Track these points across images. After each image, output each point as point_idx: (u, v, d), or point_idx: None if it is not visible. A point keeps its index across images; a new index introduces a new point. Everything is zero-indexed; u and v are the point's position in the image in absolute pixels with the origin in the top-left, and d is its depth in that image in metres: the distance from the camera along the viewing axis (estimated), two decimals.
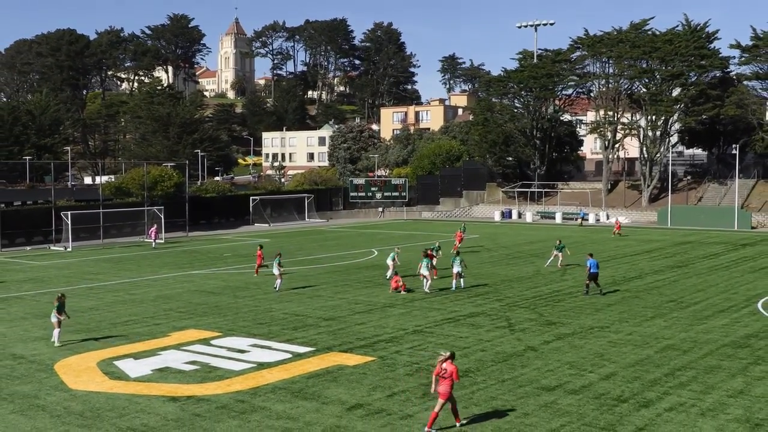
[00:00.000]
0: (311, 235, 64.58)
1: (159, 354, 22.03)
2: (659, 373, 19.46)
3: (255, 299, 31.41)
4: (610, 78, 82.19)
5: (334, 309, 28.95)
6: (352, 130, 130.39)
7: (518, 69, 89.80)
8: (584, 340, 23.26)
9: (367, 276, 38.12)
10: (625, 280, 36.21)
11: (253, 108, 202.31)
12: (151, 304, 30.55)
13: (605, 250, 50.00)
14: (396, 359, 21.06)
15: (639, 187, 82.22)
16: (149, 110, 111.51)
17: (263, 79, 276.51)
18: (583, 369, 19.88)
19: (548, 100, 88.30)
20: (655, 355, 21.31)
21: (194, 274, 39.86)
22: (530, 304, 29.57)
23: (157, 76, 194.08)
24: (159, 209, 60.63)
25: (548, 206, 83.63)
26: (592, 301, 29.97)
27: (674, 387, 18.18)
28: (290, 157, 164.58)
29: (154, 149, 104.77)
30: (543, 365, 20.28)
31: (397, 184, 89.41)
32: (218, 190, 78.93)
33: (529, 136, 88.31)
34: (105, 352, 22.31)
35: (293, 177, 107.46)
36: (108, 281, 37.56)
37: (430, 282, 32.76)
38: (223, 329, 25.41)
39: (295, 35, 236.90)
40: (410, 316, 27.28)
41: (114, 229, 62.01)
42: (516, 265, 42.06)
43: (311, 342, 23.29)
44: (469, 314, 27.64)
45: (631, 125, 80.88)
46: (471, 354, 21.58)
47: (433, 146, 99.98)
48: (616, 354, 21.40)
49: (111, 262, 45.98)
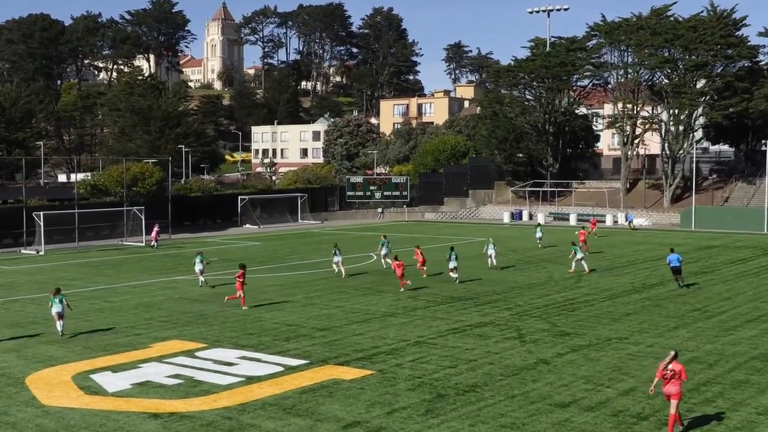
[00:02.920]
0: (305, 237, 64.56)
1: (139, 367, 22.01)
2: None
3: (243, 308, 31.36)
4: (629, 68, 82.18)
5: (330, 318, 28.93)
6: (349, 124, 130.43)
7: (529, 58, 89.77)
8: (601, 352, 23.25)
9: (366, 282, 38.10)
10: (645, 287, 36.21)
11: (242, 100, 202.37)
12: (130, 313, 30.53)
13: (623, 254, 50.01)
14: (397, 373, 21.05)
15: (660, 187, 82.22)
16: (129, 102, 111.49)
17: (253, 68, 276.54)
18: (600, 384, 19.87)
19: (562, 92, 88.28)
20: None
21: (178, 280, 39.82)
22: (542, 313, 29.56)
23: (137, 65, 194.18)
24: (139, 209, 60.62)
25: (562, 207, 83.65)
26: (610, 311, 29.98)
27: (699, 404, 18.16)
28: (282, 153, 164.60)
29: (134, 144, 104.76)
30: (556, 379, 20.27)
31: (397, 183, 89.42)
32: (204, 189, 78.90)
33: (542, 131, 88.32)
34: (80, 365, 22.28)
35: (285, 175, 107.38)
36: (84, 287, 37.52)
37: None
38: (209, 340, 25.38)
39: (288, 21, 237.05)
40: (412, 326, 27.27)
41: (90, 231, 61.98)
42: (527, 271, 42.03)
43: (305, 354, 23.27)
44: (476, 324, 27.63)
45: (652, 119, 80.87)
46: (478, 367, 21.57)
47: (437, 142, 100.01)
48: (635, 367, 21.38)
49: (87, 267, 45.95)
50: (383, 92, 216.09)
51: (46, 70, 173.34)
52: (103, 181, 67.46)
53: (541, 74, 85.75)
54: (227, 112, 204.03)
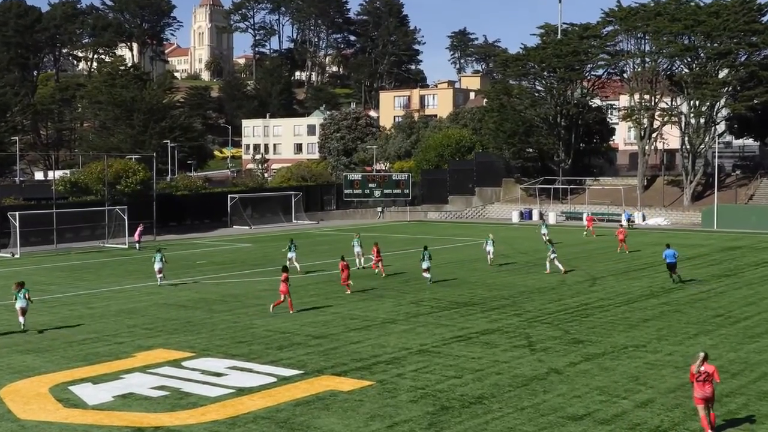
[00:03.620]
0: (299, 239, 64.41)
1: (122, 378, 22.01)
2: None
3: (233, 314, 31.40)
4: (646, 56, 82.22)
5: (326, 325, 28.94)
6: (347, 117, 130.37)
7: (540, 46, 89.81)
8: (617, 361, 23.25)
9: (365, 287, 38.11)
10: (664, 291, 36.21)
11: (232, 92, 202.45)
12: (112, 320, 30.53)
13: (641, 255, 50.04)
14: (398, 384, 21.05)
15: (680, 184, 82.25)
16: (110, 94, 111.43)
17: (243, 57, 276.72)
18: (616, 395, 19.87)
19: (575, 83, 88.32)
20: None
21: (163, 284, 39.82)
22: (554, 320, 29.56)
23: (119, 54, 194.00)
24: (122, 209, 60.62)
25: (575, 205, 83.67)
26: (626, 316, 29.99)
27: (722, 415, 18.14)
28: (274, 148, 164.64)
29: (116, 139, 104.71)
30: (569, 390, 20.27)
31: (398, 180, 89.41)
32: (191, 187, 78.91)
33: (553, 124, 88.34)
34: (59, 376, 22.28)
35: (278, 172, 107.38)
36: (63, 293, 37.53)
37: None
38: (197, 349, 25.39)
39: (281, 7, 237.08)
40: (414, 334, 27.28)
41: (69, 233, 61.97)
42: (537, 274, 42.05)
43: (299, 364, 23.27)
44: (482, 331, 27.63)
45: (671, 111, 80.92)
46: (485, 377, 21.57)
47: (441, 136, 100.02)
48: (653, 377, 21.38)
49: (66, 271, 45.97)
50: (383, 83, 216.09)
51: (21, 60, 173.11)
52: (83, 179, 67.45)
53: (552, 63, 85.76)
54: (216, 104, 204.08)
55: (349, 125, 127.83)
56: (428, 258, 38.36)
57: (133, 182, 66.86)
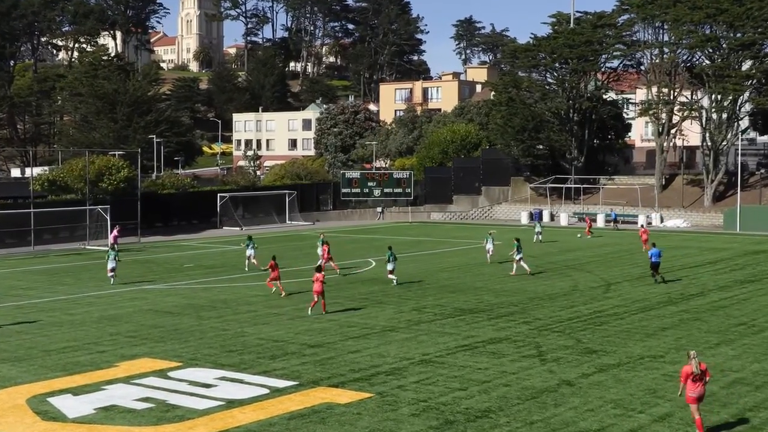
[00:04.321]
0: (293, 241, 64.58)
1: (104, 389, 22.01)
2: (726, 413, 19.45)
3: (223, 321, 31.42)
4: (665, 47, 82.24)
5: (322, 333, 28.95)
6: (345, 111, 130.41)
7: (551, 36, 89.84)
8: (633, 372, 23.25)
9: (363, 292, 38.15)
10: (684, 297, 36.23)
11: (222, 84, 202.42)
12: (94, 327, 30.54)
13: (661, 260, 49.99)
14: (398, 396, 21.06)
15: (700, 183, 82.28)
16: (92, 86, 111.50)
17: (234, 47, 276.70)
18: (632, 408, 19.87)
19: (588, 75, 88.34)
20: (721, 391, 21.33)
21: (148, 289, 39.83)
22: (565, 328, 29.57)
23: (101, 43, 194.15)
24: (104, 209, 60.62)
25: (588, 206, 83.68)
26: (643, 325, 30.00)
27: (744, 431, 18.14)
28: (267, 144, 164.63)
29: (98, 134, 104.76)
30: (581, 404, 20.28)
31: (400, 179, 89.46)
32: (178, 186, 78.90)
33: (565, 119, 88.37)
34: (37, 387, 22.29)
35: (271, 169, 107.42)
36: (40, 298, 37.54)
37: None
38: (184, 358, 25.40)
39: None
40: (416, 342, 27.29)
41: (48, 234, 61.99)
42: (548, 279, 42.07)
43: (293, 374, 23.28)
44: (489, 340, 27.64)
45: (691, 106, 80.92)
46: (492, 390, 21.57)
47: (445, 131, 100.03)
48: (672, 390, 21.37)
49: (44, 275, 45.96)
50: (383, 75, 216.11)
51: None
52: (63, 177, 67.45)
53: (564, 54, 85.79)
54: (205, 97, 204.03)
55: (347, 120, 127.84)
56: (393, 259, 39.64)
57: (116, 180, 66.84)
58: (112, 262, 41.32)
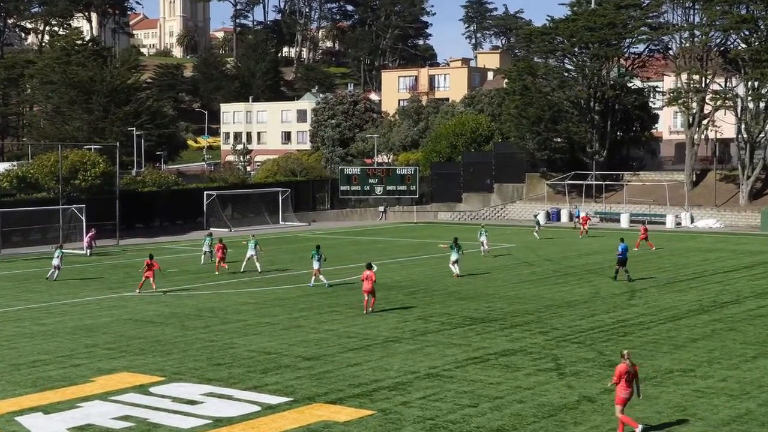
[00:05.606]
0: (287, 243, 64.59)
1: (79, 406, 22.01)
2: None
3: (210, 331, 31.43)
4: (695, 29, 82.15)
5: (319, 344, 28.96)
6: (343, 100, 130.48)
7: (569, 18, 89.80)
8: (660, 387, 23.25)
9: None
10: (716, 305, 36.20)
11: (208, 71, 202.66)
12: (68, 338, 30.55)
13: (688, 263, 50.02)
14: (402, 413, 21.07)
15: (735, 179, 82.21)
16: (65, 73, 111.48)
17: (222, 31, 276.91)
18: (659, 428, 19.86)
19: (611, 61, 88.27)
20: (759, 408, 21.31)
21: (127, 296, 39.85)
22: (586, 339, 29.56)
23: (75, 26, 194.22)
24: (79, 208, 60.66)
25: (611, 204, 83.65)
26: (671, 335, 29.98)
27: None
28: (259, 137, 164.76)
29: (71, 126, 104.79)
30: (604, 422, 20.27)
31: (404, 175, 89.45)
32: (160, 183, 78.97)
33: (585, 109, 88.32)
34: (4, 405, 22.28)
35: (263, 165, 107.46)
36: (8, 306, 37.55)
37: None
38: (167, 372, 25.41)
39: None
40: (422, 354, 27.30)
41: (17, 235, 62.01)
42: (566, 285, 42.07)
43: (287, 390, 23.30)
44: (502, 352, 27.65)
45: (725, 94, 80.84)
46: (505, 406, 21.57)
47: (454, 123, 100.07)
48: (704, 407, 21.38)
49: (13, 281, 45.99)
50: (385, 61, 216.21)
51: None
52: (33, 173, 67.50)
53: (584, 38, 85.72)
54: (190, 85, 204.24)
55: (346, 110, 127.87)
56: (319, 258, 41.14)
57: (92, 176, 66.87)
58: (57, 260, 44.69)
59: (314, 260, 41.11)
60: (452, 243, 45.61)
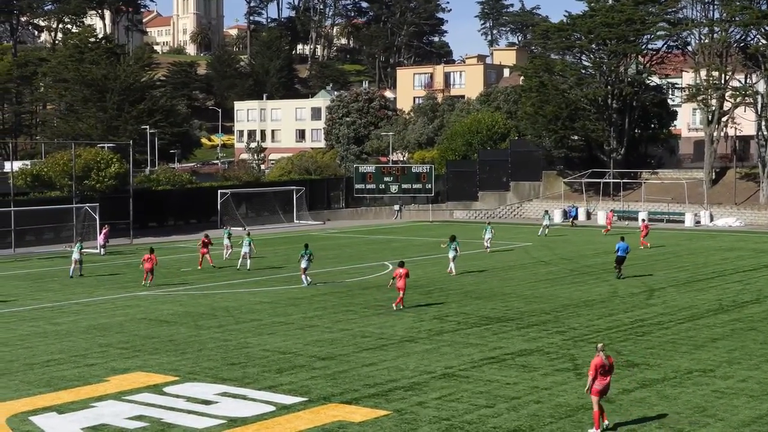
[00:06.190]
0: (302, 242, 64.49)
1: (93, 406, 22.08)
2: None
3: (224, 330, 31.48)
4: (715, 25, 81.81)
5: (334, 344, 28.98)
6: (358, 98, 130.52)
7: (587, 14, 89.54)
8: (679, 388, 23.18)
9: (379, 299, 38.11)
10: (736, 305, 36.06)
11: (222, 68, 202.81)
12: (81, 338, 30.65)
13: (707, 262, 49.84)
14: (418, 413, 21.07)
15: (756, 178, 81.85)
16: (78, 71, 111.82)
17: (235, 28, 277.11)
18: (679, 428, 19.82)
19: (629, 57, 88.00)
20: None
21: (141, 296, 39.95)
22: (603, 338, 29.46)
23: (89, 23, 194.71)
24: (93, 207, 60.83)
25: (629, 203, 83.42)
26: (690, 335, 29.88)
27: None
28: (273, 135, 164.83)
29: (85, 125, 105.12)
30: (621, 422, 20.22)
31: (419, 173, 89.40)
32: (174, 181, 79.12)
33: (602, 107, 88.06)
34: (18, 404, 22.38)
35: (277, 163, 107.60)
36: (22, 306, 37.69)
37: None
38: (181, 372, 25.47)
39: None
40: (438, 354, 27.29)
41: (30, 234, 62.23)
42: (584, 284, 41.99)
43: (302, 390, 23.32)
44: (519, 352, 27.61)
45: (745, 91, 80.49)
46: (522, 407, 21.55)
47: (470, 120, 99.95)
48: (724, 408, 21.30)
49: (27, 280, 46.14)
50: (401, 58, 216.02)
51: None
52: (47, 171, 67.69)
53: (601, 34, 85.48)
54: (203, 83, 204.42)
55: (361, 108, 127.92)
56: (309, 258, 41.69)
57: (105, 175, 67.02)
58: (77, 254, 45.80)
59: (302, 260, 41.55)
60: (449, 240, 46.41)
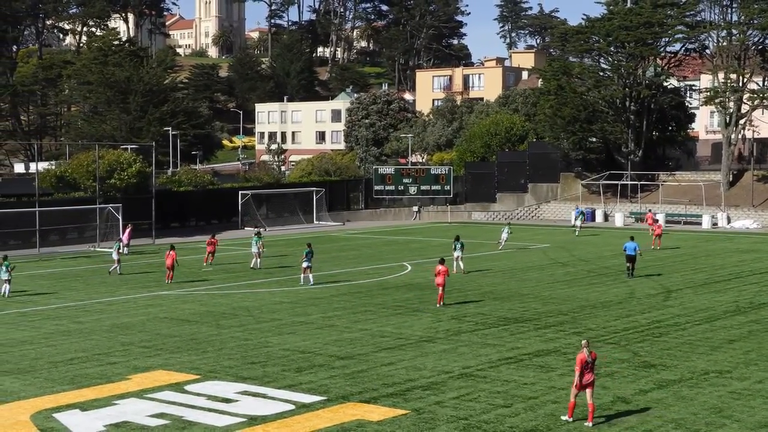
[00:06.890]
0: (322, 243, 64.64)
1: (115, 404, 22.20)
2: None
3: (245, 330, 31.56)
4: (733, 28, 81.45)
5: (353, 344, 29.01)
6: (377, 100, 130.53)
7: (605, 17, 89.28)
8: (696, 389, 23.11)
9: (398, 299, 38.16)
10: (753, 306, 35.91)
11: (244, 71, 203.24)
12: (104, 336, 30.79)
13: (725, 264, 49.64)
14: (436, 413, 21.07)
15: None
16: (102, 73, 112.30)
17: (257, 31, 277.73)
18: (695, 429, 19.76)
19: (647, 60, 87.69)
20: None
21: (163, 295, 40.09)
22: (620, 339, 29.42)
23: (112, 26, 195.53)
24: (115, 207, 61.07)
25: (646, 204, 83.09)
26: (707, 336, 29.77)
27: None
28: (293, 137, 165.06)
29: (108, 126, 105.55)
30: (638, 423, 20.18)
31: (438, 175, 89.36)
32: (196, 182, 79.28)
33: (620, 109, 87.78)
34: (42, 401, 22.51)
35: (297, 164, 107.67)
36: (47, 305, 37.89)
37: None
38: (202, 370, 25.56)
39: None
40: (455, 354, 27.28)
41: (55, 234, 62.49)
42: (601, 285, 41.89)
43: (321, 389, 23.37)
44: (536, 352, 27.58)
45: (763, 93, 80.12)
46: (539, 407, 21.52)
47: (488, 123, 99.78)
48: (741, 409, 21.22)
49: (51, 279, 46.37)
50: (420, 61, 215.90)
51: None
52: (71, 172, 67.98)
53: (620, 37, 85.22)
54: (225, 85, 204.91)
55: (380, 110, 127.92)
56: (310, 258, 42.29)
57: (128, 176, 67.25)
58: (115, 253, 47.20)
59: (305, 260, 41.95)
60: (454, 240, 46.64)
